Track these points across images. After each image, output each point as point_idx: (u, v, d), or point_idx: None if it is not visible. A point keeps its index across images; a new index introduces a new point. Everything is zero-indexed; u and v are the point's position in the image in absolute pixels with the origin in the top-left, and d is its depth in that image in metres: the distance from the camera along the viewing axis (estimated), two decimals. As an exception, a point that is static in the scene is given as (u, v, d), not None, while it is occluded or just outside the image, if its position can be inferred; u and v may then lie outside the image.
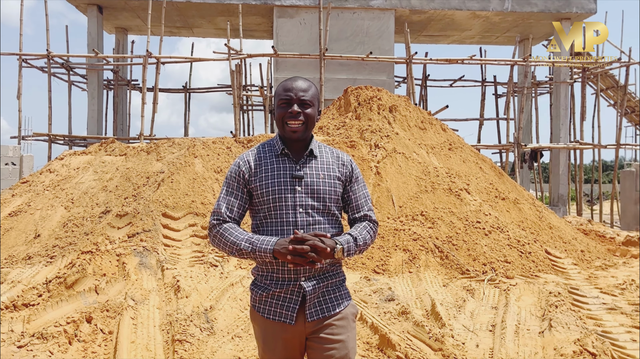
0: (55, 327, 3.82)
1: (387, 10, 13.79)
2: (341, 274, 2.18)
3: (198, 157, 7.68)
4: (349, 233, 2.11)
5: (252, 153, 2.22)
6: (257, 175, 2.14)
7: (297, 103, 2.13)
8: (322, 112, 2.28)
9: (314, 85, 2.22)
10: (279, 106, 2.16)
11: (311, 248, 1.93)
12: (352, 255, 2.08)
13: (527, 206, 8.25)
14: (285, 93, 2.14)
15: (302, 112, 2.12)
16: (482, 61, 13.94)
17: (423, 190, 7.49)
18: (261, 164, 2.16)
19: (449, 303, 5.03)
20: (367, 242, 2.14)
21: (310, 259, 1.93)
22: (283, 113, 2.13)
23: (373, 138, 8.32)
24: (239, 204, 2.16)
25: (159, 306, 4.68)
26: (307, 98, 2.14)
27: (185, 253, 6.18)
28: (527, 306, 4.99)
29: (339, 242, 2.02)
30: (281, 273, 2.07)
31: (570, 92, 14.50)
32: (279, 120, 2.16)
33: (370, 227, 2.20)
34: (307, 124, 2.15)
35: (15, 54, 12.40)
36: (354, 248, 2.07)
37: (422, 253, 6.42)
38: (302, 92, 2.13)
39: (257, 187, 2.13)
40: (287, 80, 2.20)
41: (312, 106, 2.16)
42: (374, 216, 2.25)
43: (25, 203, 7.82)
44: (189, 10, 14.37)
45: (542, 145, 14.05)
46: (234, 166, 2.20)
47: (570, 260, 7.00)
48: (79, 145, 14.20)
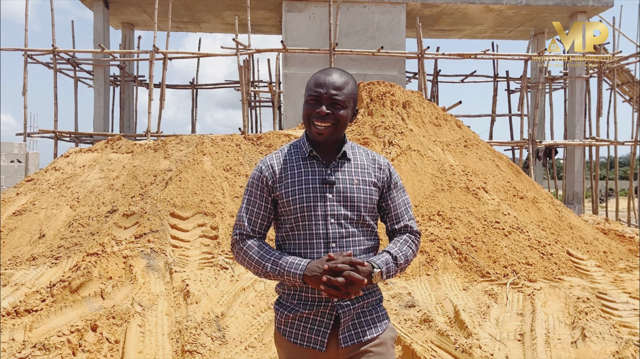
0: (59, 337, 3.61)
1: (399, 4, 13.49)
2: (378, 292, 1.92)
3: (207, 154, 7.46)
4: (388, 250, 1.85)
5: (276, 156, 1.95)
6: (282, 181, 1.87)
7: (327, 102, 1.84)
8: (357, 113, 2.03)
9: (352, 80, 1.92)
10: (307, 102, 1.88)
11: (346, 279, 1.68)
12: (392, 276, 1.82)
13: (546, 205, 7.97)
14: (315, 88, 1.85)
15: (331, 113, 1.84)
16: (496, 56, 13.62)
17: (439, 188, 7.23)
18: (286, 168, 1.89)
19: (472, 309, 4.78)
20: (408, 259, 1.88)
21: (345, 291, 1.68)
22: (310, 111, 1.86)
23: (386, 135, 8.06)
24: (263, 215, 1.90)
25: (167, 312, 4.46)
26: (340, 98, 1.84)
27: (194, 254, 5.96)
28: (555, 312, 4.73)
29: (376, 265, 1.76)
30: (311, 292, 1.81)
31: (586, 87, 14.16)
32: (305, 118, 1.89)
33: (412, 241, 1.93)
34: (337, 126, 1.86)
35: (20, 50, 12.21)
36: (393, 269, 1.81)
37: (439, 254, 6.17)
38: (335, 89, 1.84)
39: (282, 195, 1.86)
40: (321, 71, 1.90)
41: (346, 107, 1.86)
42: (416, 226, 1.98)
43: (30, 202, 7.62)
44: (196, 5, 14.13)
45: (557, 142, 13.72)
46: (255, 171, 1.93)
47: (593, 262, 6.73)
48: (85, 142, 14.01)
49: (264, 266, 1.80)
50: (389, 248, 1.87)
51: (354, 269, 1.70)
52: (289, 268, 1.76)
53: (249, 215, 1.90)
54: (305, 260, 1.78)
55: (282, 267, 1.77)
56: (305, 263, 1.76)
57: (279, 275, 1.78)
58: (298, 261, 1.77)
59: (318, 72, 1.91)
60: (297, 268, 1.75)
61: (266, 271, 1.80)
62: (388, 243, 1.95)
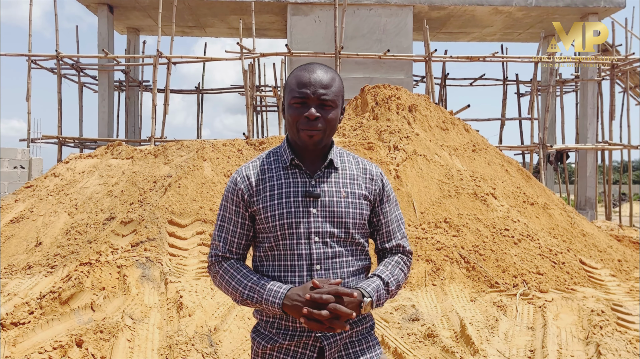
0: (40, 354, 3.42)
1: (405, 7, 13.28)
2: (369, 318, 1.70)
3: (207, 160, 7.28)
4: (378, 274, 1.63)
5: (253, 166, 1.71)
6: (259, 194, 1.65)
7: (316, 104, 1.60)
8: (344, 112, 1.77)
9: (337, 75, 1.68)
10: (292, 106, 1.63)
11: (331, 313, 1.46)
12: (381, 305, 1.60)
13: (557, 211, 7.70)
14: (300, 89, 1.60)
15: (321, 116, 1.60)
16: (506, 58, 13.36)
17: (446, 194, 7.00)
18: (264, 179, 1.66)
19: (479, 321, 4.54)
20: (400, 284, 1.66)
21: (329, 325, 1.46)
22: (297, 116, 1.61)
23: (392, 140, 7.84)
24: (241, 233, 1.68)
25: (159, 326, 4.26)
26: (329, 97, 1.60)
27: (191, 263, 5.77)
28: (567, 326, 4.48)
29: (366, 293, 1.54)
30: (292, 320, 1.59)
31: (598, 90, 13.85)
32: (291, 124, 1.64)
33: (404, 262, 1.71)
34: (327, 131, 1.63)
35: (24, 55, 12.14)
36: (384, 296, 1.60)
37: (446, 263, 5.93)
38: (323, 88, 1.60)
39: (259, 210, 1.64)
40: (302, 68, 1.65)
41: (335, 107, 1.63)
42: (409, 245, 1.75)
43: (28, 209, 7.48)
44: (201, 9, 14.02)
45: (569, 146, 13.41)
46: (230, 183, 1.71)
47: (607, 271, 6.45)
48: (89, 147, 13.92)
49: (241, 293, 1.60)
50: (380, 272, 1.65)
51: (340, 301, 1.48)
52: (267, 295, 1.55)
53: (224, 233, 1.68)
54: (285, 286, 1.56)
55: (259, 294, 1.56)
56: (284, 291, 1.54)
57: (257, 303, 1.58)
58: (277, 287, 1.56)
59: (298, 69, 1.67)
60: (276, 297, 1.54)
61: (243, 298, 1.60)
62: (377, 262, 1.73)
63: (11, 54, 12.34)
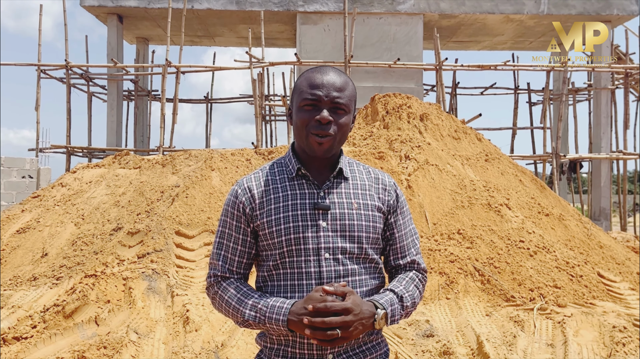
0: (40, 371, 3.30)
1: (415, 15, 13.19)
2: (383, 345, 1.55)
3: (215, 169, 7.17)
4: (392, 289, 1.48)
5: (256, 177, 1.57)
6: (262, 207, 1.51)
7: (329, 106, 1.47)
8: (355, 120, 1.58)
9: (351, 80, 1.55)
10: (302, 108, 1.50)
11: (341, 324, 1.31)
12: (396, 322, 1.45)
13: (573, 222, 7.51)
14: (312, 90, 1.47)
15: (333, 120, 1.47)
16: (517, 67, 13.20)
17: (459, 205, 6.84)
18: (268, 191, 1.52)
19: (496, 338, 4.37)
20: (415, 302, 1.51)
21: (336, 336, 1.31)
22: (307, 119, 1.48)
23: (403, 149, 7.70)
24: (242, 251, 1.53)
25: (165, 341, 4.13)
26: (343, 101, 1.48)
27: (199, 275, 5.64)
28: (588, 343, 4.30)
29: (380, 305, 1.39)
30: (299, 346, 1.44)
31: (611, 98, 13.64)
32: (300, 128, 1.50)
33: (420, 280, 1.56)
34: (337, 137, 1.49)
35: (33, 65, 12.16)
36: (399, 312, 1.45)
37: (460, 276, 5.76)
38: (336, 90, 1.47)
39: (263, 225, 1.50)
40: (314, 70, 1.52)
41: (348, 112, 1.50)
42: (423, 263, 1.60)
43: (35, 219, 7.40)
44: (210, 19, 14.01)
45: (583, 156, 13.20)
46: (230, 196, 1.57)
47: (626, 284, 6.25)
48: (98, 157, 13.88)
49: (242, 314, 1.44)
50: (393, 286, 1.50)
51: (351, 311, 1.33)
52: (270, 313, 1.41)
53: (224, 251, 1.54)
54: (290, 301, 1.42)
55: (262, 313, 1.42)
56: (289, 306, 1.40)
57: (260, 323, 1.43)
58: (280, 303, 1.41)
59: (309, 71, 1.54)
60: (280, 313, 1.39)
61: (244, 318, 1.45)
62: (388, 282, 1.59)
63: (20, 64, 12.36)
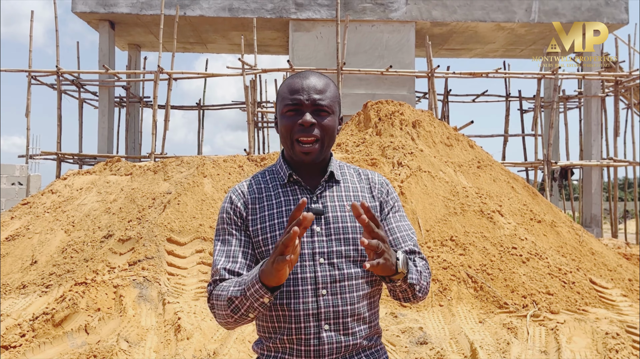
0: (28, 381, 3.24)
1: (408, 23, 13.25)
2: (382, 352, 1.53)
3: (207, 176, 7.14)
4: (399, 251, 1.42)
5: (248, 184, 1.56)
6: (255, 214, 1.49)
7: (311, 110, 1.47)
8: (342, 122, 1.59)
9: (332, 82, 1.56)
10: (284, 114, 1.50)
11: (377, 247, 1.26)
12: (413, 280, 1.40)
13: (565, 229, 7.53)
14: (292, 96, 1.48)
15: (317, 123, 1.47)
16: (509, 74, 13.28)
17: (452, 212, 6.84)
18: (261, 199, 1.51)
19: (490, 345, 4.35)
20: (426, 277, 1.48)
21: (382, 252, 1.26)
22: (290, 124, 1.48)
23: (396, 156, 7.70)
24: (244, 252, 1.48)
25: (156, 349, 4.08)
26: (325, 102, 1.48)
27: (190, 283, 5.60)
28: (582, 350, 4.30)
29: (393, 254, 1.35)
30: (296, 353, 1.41)
31: (602, 106, 13.75)
32: (285, 136, 1.50)
33: (423, 264, 1.52)
34: (324, 141, 1.49)
35: (24, 71, 12.07)
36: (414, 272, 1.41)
37: (453, 283, 5.75)
38: (317, 93, 1.47)
39: (256, 232, 1.48)
40: (294, 76, 1.54)
41: (332, 113, 1.50)
42: (423, 254, 1.58)
43: (24, 227, 7.32)
44: (202, 25, 14.00)
45: (574, 163, 13.27)
46: (225, 204, 1.55)
47: (618, 291, 6.26)
48: (89, 164, 13.78)
49: (231, 296, 1.36)
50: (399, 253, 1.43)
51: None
52: (248, 280, 1.33)
53: (225, 257, 1.49)
54: None
55: (243, 284, 1.34)
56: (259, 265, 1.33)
57: (242, 297, 1.33)
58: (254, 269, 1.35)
59: (289, 77, 1.55)
60: (252, 274, 1.32)
61: (230, 297, 1.36)
62: None
63: (11, 70, 12.28)
